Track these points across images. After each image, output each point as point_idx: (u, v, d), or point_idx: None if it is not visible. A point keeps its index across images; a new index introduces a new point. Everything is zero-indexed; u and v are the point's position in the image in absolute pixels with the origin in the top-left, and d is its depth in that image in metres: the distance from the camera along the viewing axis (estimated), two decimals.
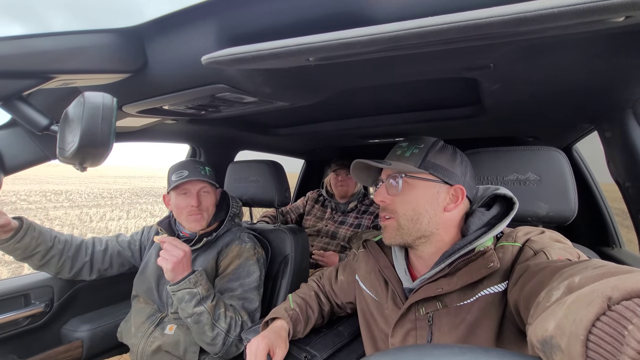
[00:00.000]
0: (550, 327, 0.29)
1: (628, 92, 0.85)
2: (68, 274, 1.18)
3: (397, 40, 0.43)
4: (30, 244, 1.06)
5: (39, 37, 0.56)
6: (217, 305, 1.06)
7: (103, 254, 1.24)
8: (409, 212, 0.72)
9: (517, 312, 0.57)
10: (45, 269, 1.15)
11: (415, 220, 0.71)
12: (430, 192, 0.71)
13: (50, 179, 27.13)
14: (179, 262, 1.02)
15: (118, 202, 14.08)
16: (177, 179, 1.16)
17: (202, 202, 1.20)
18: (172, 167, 1.24)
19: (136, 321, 1.18)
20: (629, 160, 0.93)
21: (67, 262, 1.16)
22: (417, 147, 0.75)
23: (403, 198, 0.73)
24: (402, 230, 0.73)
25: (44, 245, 1.09)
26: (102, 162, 0.57)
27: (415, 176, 0.72)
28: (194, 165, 1.21)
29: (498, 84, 0.82)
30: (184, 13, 0.58)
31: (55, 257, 1.13)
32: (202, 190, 1.21)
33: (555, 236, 0.68)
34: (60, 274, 1.18)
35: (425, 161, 0.72)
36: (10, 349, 1.16)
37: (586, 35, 0.54)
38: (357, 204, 2.09)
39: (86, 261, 1.20)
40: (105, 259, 1.25)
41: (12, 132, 0.94)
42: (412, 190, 0.72)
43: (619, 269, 0.35)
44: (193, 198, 1.18)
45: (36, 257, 1.09)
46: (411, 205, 0.72)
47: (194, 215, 1.19)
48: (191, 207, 1.17)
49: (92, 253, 1.23)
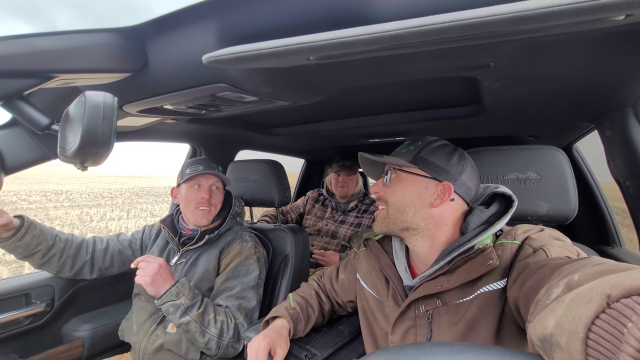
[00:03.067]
0: (550, 324, 0.29)
1: (628, 90, 0.85)
2: (69, 273, 1.19)
3: (398, 39, 0.43)
4: (31, 243, 1.06)
5: (40, 37, 0.57)
6: (206, 312, 1.06)
7: (104, 253, 1.25)
8: (396, 202, 0.76)
9: (517, 310, 0.57)
10: (46, 268, 1.15)
11: (401, 211, 0.75)
12: (418, 186, 0.74)
13: (50, 179, 27.12)
14: (155, 274, 1.02)
15: (118, 201, 14.10)
16: (192, 172, 1.20)
17: (212, 197, 1.24)
18: (186, 162, 1.28)
19: (138, 319, 1.18)
20: (629, 159, 0.93)
21: (68, 261, 1.17)
22: (414, 145, 0.78)
23: (392, 189, 0.77)
24: (389, 219, 0.77)
25: (45, 243, 1.10)
26: (103, 162, 0.57)
27: (404, 170, 0.77)
28: (208, 162, 1.27)
29: (498, 83, 0.82)
30: (185, 12, 0.58)
31: (56, 255, 1.13)
32: (213, 185, 1.25)
33: (554, 234, 0.68)
34: (61, 272, 1.18)
35: (417, 157, 0.75)
36: (11, 348, 1.16)
37: (586, 34, 0.54)
38: (357, 203, 2.09)
39: (87, 260, 1.21)
40: (106, 258, 1.25)
41: (12, 131, 0.94)
42: (400, 182, 0.77)
43: (618, 267, 0.36)
44: (205, 191, 1.22)
45: (37, 256, 1.09)
46: (398, 196, 0.76)
47: (203, 208, 1.21)
48: (202, 199, 1.20)
49: (93, 252, 1.23)
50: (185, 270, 1.20)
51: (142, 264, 1.05)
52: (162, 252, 1.28)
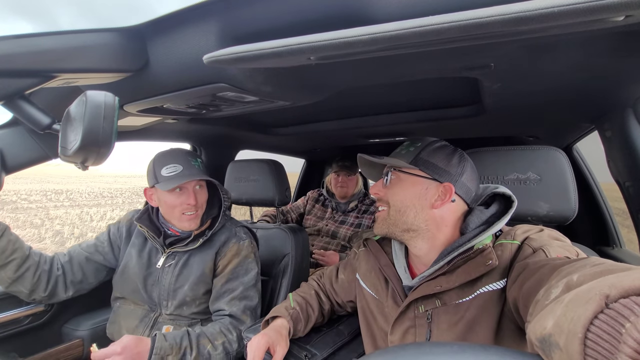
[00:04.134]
0: (549, 325, 0.29)
1: (628, 91, 0.85)
2: (43, 293, 1.04)
3: (398, 40, 0.43)
4: (7, 248, 0.95)
5: (41, 36, 0.57)
6: (200, 348, 0.98)
7: (70, 265, 1.11)
8: (397, 203, 0.75)
9: (517, 310, 0.57)
10: (19, 285, 1.00)
11: (402, 213, 0.75)
12: (418, 187, 0.74)
13: (50, 178, 27.15)
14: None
15: (118, 201, 14.10)
16: (171, 175, 1.04)
17: (197, 199, 1.10)
18: (159, 158, 1.08)
19: (127, 324, 1.11)
20: (629, 160, 0.93)
21: (43, 277, 1.04)
22: (414, 146, 0.78)
23: (393, 190, 0.77)
24: (389, 221, 0.76)
25: (20, 252, 0.98)
26: (104, 161, 0.57)
27: (404, 171, 0.76)
28: (185, 157, 1.09)
29: (498, 83, 0.82)
30: (185, 12, 0.58)
31: (31, 268, 1.01)
32: (197, 184, 1.11)
33: (554, 234, 0.68)
34: (35, 292, 1.03)
35: (418, 158, 0.75)
36: (11, 347, 1.16)
37: (586, 35, 0.54)
38: (357, 203, 2.10)
39: (59, 275, 1.08)
40: (75, 270, 1.11)
41: (13, 130, 0.94)
42: (400, 183, 0.76)
43: (617, 267, 0.36)
44: (190, 196, 1.07)
45: (11, 267, 0.97)
46: (399, 197, 0.75)
47: (190, 213, 1.09)
48: (187, 205, 1.07)
49: (62, 266, 1.10)
50: (176, 273, 1.11)
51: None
52: (142, 251, 1.16)
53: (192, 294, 1.11)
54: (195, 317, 1.14)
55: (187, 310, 1.12)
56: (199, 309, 1.13)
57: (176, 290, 1.11)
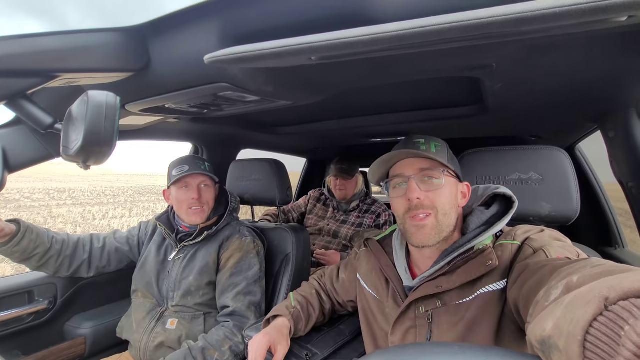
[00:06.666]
0: (549, 327, 0.29)
1: (631, 91, 0.85)
2: (66, 273, 1.19)
3: (399, 40, 0.43)
4: (28, 247, 1.05)
5: (43, 36, 0.57)
6: (208, 358, 1.02)
7: (101, 252, 1.25)
8: (445, 207, 0.70)
9: (517, 311, 0.57)
10: (44, 269, 1.15)
11: (448, 216, 0.70)
12: (455, 187, 0.73)
13: (53, 177, 27.28)
14: None
15: (121, 200, 14.15)
16: (178, 173, 1.19)
17: (203, 196, 1.23)
18: (172, 163, 1.26)
19: (137, 317, 1.19)
20: (632, 160, 0.93)
21: (66, 261, 1.17)
22: (437, 143, 0.74)
23: (439, 192, 0.70)
24: (440, 227, 0.69)
25: (42, 247, 1.09)
26: (106, 160, 0.57)
27: (449, 171, 0.72)
28: (194, 160, 1.25)
29: (500, 83, 0.81)
30: (187, 12, 0.58)
31: (53, 257, 1.13)
32: (202, 183, 1.24)
33: (554, 235, 0.68)
34: (59, 272, 1.18)
35: (449, 157, 0.74)
36: (14, 345, 1.17)
37: (589, 35, 0.54)
38: (359, 203, 2.09)
39: (85, 259, 1.21)
40: (104, 256, 1.25)
41: (16, 130, 0.95)
42: (447, 185, 0.71)
43: (617, 268, 0.35)
44: (194, 191, 1.21)
45: (34, 259, 1.09)
46: (446, 199, 0.70)
47: (195, 208, 1.22)
48: (192, 199, 1.20)
49: (90, 250, 1.23)
50: (183, 265, 1.21)
51: None
52: (160, 248, 1.28)
53: (197, 284, 1.18)
54: (199, 308, 1.19)
55: (191, 300, 1.18)
56: (202, 299, 1.19)
57: (182, 280, 1.19)
